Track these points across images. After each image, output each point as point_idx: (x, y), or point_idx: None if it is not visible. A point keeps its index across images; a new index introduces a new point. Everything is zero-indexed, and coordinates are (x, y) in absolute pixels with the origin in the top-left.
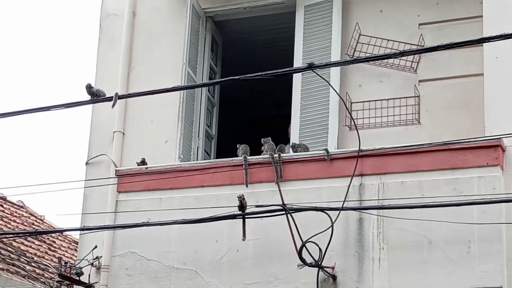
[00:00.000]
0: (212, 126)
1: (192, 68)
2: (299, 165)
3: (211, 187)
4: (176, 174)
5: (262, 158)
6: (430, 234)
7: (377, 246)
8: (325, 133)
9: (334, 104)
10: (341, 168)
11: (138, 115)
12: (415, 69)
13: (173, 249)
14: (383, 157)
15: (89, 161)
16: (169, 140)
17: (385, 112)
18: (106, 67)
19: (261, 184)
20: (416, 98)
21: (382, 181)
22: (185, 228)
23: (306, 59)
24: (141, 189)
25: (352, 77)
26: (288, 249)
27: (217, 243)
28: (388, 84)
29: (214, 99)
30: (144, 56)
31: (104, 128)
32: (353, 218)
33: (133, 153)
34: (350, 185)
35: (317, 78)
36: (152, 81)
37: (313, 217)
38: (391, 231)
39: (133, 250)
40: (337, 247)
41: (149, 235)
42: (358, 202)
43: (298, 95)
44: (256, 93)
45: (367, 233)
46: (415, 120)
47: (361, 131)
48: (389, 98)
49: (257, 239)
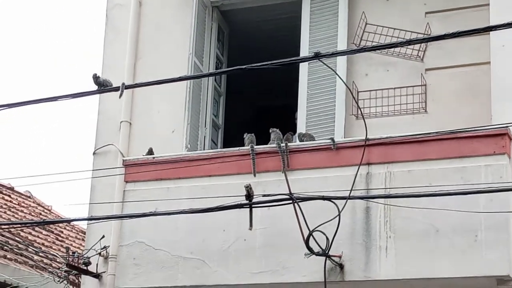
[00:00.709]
0: (218, 115)
1: (199, 58)
2: (306, 154)
3: (218, 176)
4: (183, 163)
5: (269, 147)
6: (437, 223)
7: (384, 234)
8: (332, 122)
9: (341, 93)
10: (348, 157)
11: (145, 105)
12: (421, 58)
13: (180, 238)
14: (390, 146)
15: (96, 151)
16: (176, 130)
17: (391, 101)
18: (113, 57)
19: (268, 174)
20: (423, 87)
21: (389, 170)
22: (192, 218)
23: (313, 48)
24: (148, 179)
25: (358, 66)
26: (295, 238)
27: (224, 232)
28: (395, 73)
29: (220, 89)
30: (150, 46)
31: (111, 118)
32: (360, 207)
33: (140, 143)
34: (357, 174)
35: (324, 67)
36: (158, 71)
37: (320, 206)
38: (398, 220)
39: (140, 239)
40: (344, 236)
41: (156, 225)
42: (365, 191)
43: (304, 84)
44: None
45: (374, 222)
46: (422, 109)
47: (368, 120)
48: (396, 87)
49: (264, 228)
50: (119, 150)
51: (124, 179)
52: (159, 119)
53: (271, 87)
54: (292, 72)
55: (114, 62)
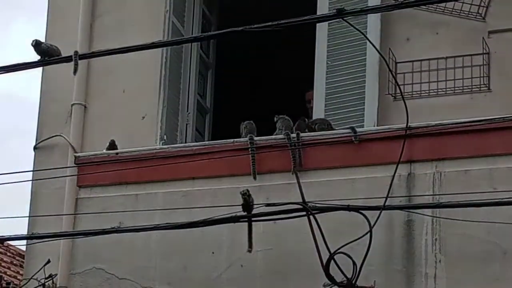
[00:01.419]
0: (206, 96)
1: (179, 17)
2: (325, 149)
3: (205, 179)
4: (157, 161)
5: (275, 139)
6: (505, 242)
7: (432, 258)
8: (361, 105)
9: (373, 65)
10: (383, 152)
11: (105, 81)
12: (483, 16)
13: (153, 264)
14: (440, 137)
15: (38, 145)
16: (147, 115)
17: (442, 76)
18: (61, 16)
19: (273, 175)
20: (485, 56)
21: (439, 169)
22: (170, 236)
23: (334, 3)
24: (109, 182)
25: (397, 28)
26: (310, 262)
27: (213, 255)
28: (447, 37)
29: (209, 59)
30: (112, 1)
31: (59, 100)
32: (399, 221)
33: (99, 134)
34: (395, 175)
35: (349, 29)
36: (124, 35)
37: (344, 219)
38: (451, 238)
39: (99, 265)
40: (377, 260)
41: (121, 246)
42: (406, 198)
43: (323, 53)
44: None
45: (418, 240)
46: (483, 86)
47: (409, 102)
48: (448, 57)
49: (267, 249)
50: (69, 143)
51: (76, 183)
52: (124, 100)
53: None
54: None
55: (63, 23)
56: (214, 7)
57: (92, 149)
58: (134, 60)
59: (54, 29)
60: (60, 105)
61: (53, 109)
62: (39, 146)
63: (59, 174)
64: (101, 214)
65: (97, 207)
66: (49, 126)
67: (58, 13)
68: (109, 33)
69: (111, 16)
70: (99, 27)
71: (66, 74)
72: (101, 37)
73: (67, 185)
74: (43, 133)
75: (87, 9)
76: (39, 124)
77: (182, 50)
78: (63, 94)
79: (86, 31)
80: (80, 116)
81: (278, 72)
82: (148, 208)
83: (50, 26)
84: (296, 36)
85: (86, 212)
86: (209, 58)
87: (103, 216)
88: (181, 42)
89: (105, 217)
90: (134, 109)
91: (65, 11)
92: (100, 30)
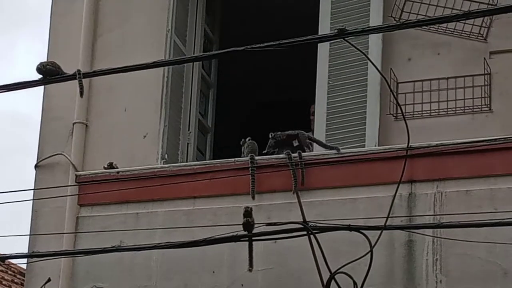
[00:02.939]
0: (207, 115)
1: (180, 36)
2: (326, 168)
3: (206, 198)
4: (158, 180)
5: (276, 158)
6: (506, 262)
7: (433, 278)
8: (362, 124)
9: (374, 85)
10: (384, 172)
11: (107, 100)
12: (484, 37)
13: (154, 283)
14: (441, 157)
15: (39, 163)
16: (148, 134)
17: (443, 96)
18: (63, 35)
19: (274, 195)
20: (487, 76)
21: (440, 189)
22: (170, 255)
23: (336, 24)
24: (110, 201)
25: (398, 48)
26: (311, 282)
27: (214, 274)
28: (448, 58)
29: (210, 79)
30: (114, 20)
31: (60, 118)
32: (400, 241)
33: (100, 153)
34: (396, 195)
35: (351, 49)
36: (125, 54)
37: (345, 239)
38: (452, 258)
39: (99, 284)
40: (378, 280)
41: (121, 264)
42: (407, 218)
43: (324, 73)
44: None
45: (419, 260)
46: (484, 106)
47: (410, 122)
48: (450, 77)
49: (268, 269)
50: (70, 161)
51: (77, 202)
52: (125, 119)
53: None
54: (308, 56)
55: (65, 42)
56: (216, 27)
57: (93, 168)
58: (135, 79)
59: (56, 47)
60: (61, 123)
61: (55, 128)
62: (40, 165)
63: (60, 193)
64: (101, 232)
65: (98, 226)
66: (50, 145)
67: (60, 32)
68: (111, 52)
69: (113, 35)
70: (101, 46)
71: (68, 93)
72: (103, 56)
73: (68, 203)
74: (44, 151)
75: (89, 28)
76: (40, 142)
77: (184, 69)
78: (64, 112)
79: (88, 49)
80: (81, 135)
81: (277, 91)
82: (148, 227)
83: (52, 44)
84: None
85: (86, 231)
86: (210, 77)
87: (103, 234)
88: (182, 62)
89: (106, 235)
90: (135, 128)
91: (67, 30)
92: (102, 49)
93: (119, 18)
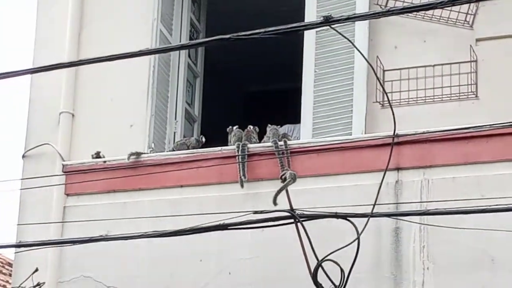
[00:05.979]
0: (194, 104)
1: (167, 25)
2: (313, 156)
3: (193, 187)
4: (144, 170)
5: (262, 147)
6: (493, 249)
7: (420, 265)
8: (349, 112)
9: (361, 72)
10: (370, 160)
11: (93, 90)
12: (470, 24)
13: (141, 272)
14: (427, 144)
15: (26, 154)
16: (135, 124)
17: (430, 84)
18: (49, 25)
19: (261, 183)
20: (473, 63)
21: (427, 176)
22: (157, 244)
23: (322, 11)
24: (97, 190)
25: (384, 36)
26: (298, 270)
27: (201, 263)
28: (434, 45)
29: (196, 68)
30: (100, 9)
31: (47, 108)
32: (387, 228)
33: (87, 142)
34: (383, 182)
35: (337, 37)
36: (111, 43)
37: (333, 226)
38: (439, 245)
39: (87, 273)
40: (365, 267)
41: (108, 254)
42: (394, 206)
43: (310, 61)
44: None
45: (406, 248)
46: (471, 94)
47: (397, 110)
48: (436, 64)
49: (255, 257)
50: (57, 151)
51: (64, 191)
52: (112, 109)
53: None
54: (294, 44)
55: (51, 31)
56: (202, 16)
57: (80, 158)
58: (122, 69)
59: (42, 36)
60: (48, 113)
61: (41, 118)
62: (27, 155)
63: (47, 183)
64: (88, 222)
65: (85, 215)
66: (37, 135)
67: (46, 21)
68: (97, 41)
69: (99, 24)
70: (87, 35)
71: (54, 83)
72: (89, 45)
73: (55, 193)
74: (31, 141)
75: (76, 17)
76: (27, 132)
77: (170, 59)
78: (51, 102)
79: (74, 39)
80: (68, 125)
81: (264, 79)
82: (135, 216)
83: (38, 34)
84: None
85: (73, 220)
86: (197, 66)
87: (90, 224)
88: (168, 50)
89: (93, 225)
90: (122, 117)
91: (53, 19)
92: (88, 38)
93: (106, 7)
